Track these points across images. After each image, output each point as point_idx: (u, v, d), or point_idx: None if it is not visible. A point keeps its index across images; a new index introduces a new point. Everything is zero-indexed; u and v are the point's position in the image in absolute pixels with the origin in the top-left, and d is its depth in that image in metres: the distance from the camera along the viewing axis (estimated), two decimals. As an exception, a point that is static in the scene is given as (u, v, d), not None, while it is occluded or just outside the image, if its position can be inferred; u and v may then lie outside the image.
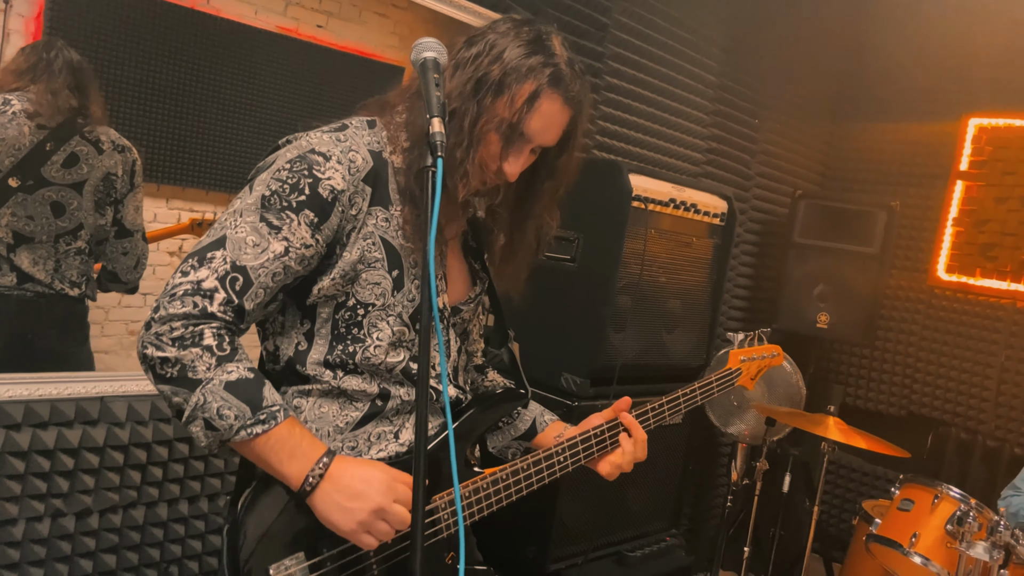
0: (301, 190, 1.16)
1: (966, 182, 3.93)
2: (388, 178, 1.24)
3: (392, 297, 1.24)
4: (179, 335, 1.10)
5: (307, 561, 1.17)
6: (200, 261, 1.13)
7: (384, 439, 1.28)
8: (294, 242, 1.16)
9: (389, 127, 1.27)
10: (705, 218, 2.57)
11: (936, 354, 3.96)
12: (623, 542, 2.54)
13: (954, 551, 2.42)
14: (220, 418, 1.10)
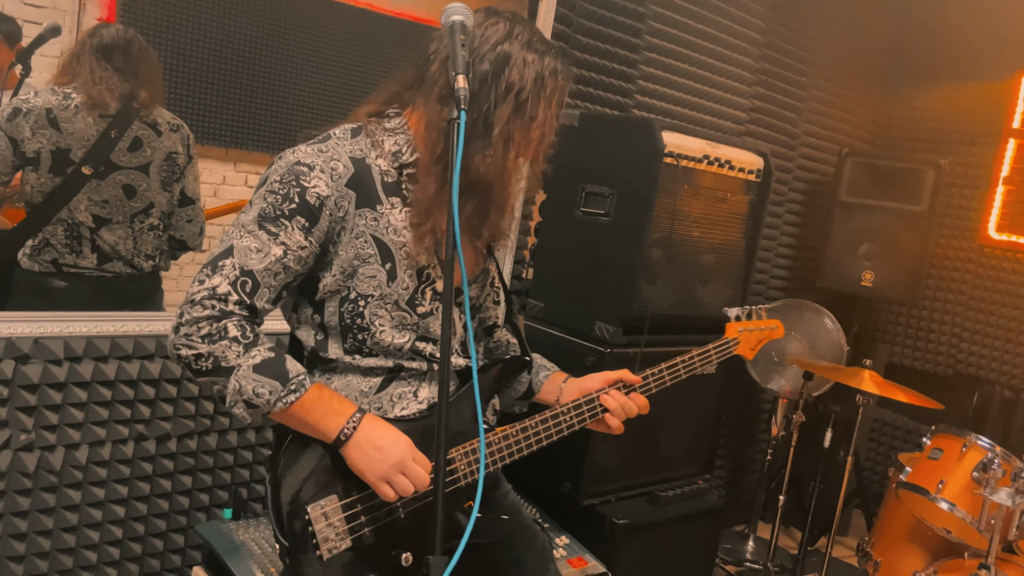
0: (291, 199, 1.32)
1: (1018, 140, 3.86)
2: (372, 180, 1.39)
3: (388, 287, 1.38)
4: (206, 332, 1.26)
5: (340, 501, 1.34)
6: (213, 270, 1.30)
7: (405, 398, 1.44)
8: (291, 245, 1.32)
9: (372, 135, 1.41)
10: (740, 174, 2.64)
11: (984, 313, 3.94)
12: (655, 483, 2.67)
13: (979, 497, 2.49)
14: (257, 396, 1.27)
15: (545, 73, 1.38)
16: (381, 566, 1.36)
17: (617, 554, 2.44)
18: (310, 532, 1.31)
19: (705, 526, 2.76)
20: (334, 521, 1.33)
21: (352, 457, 1.32)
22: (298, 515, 1.31)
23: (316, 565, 1.31)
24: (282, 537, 1.31)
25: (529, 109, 1.37)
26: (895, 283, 3.71)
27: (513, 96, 1.35)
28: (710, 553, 2.86)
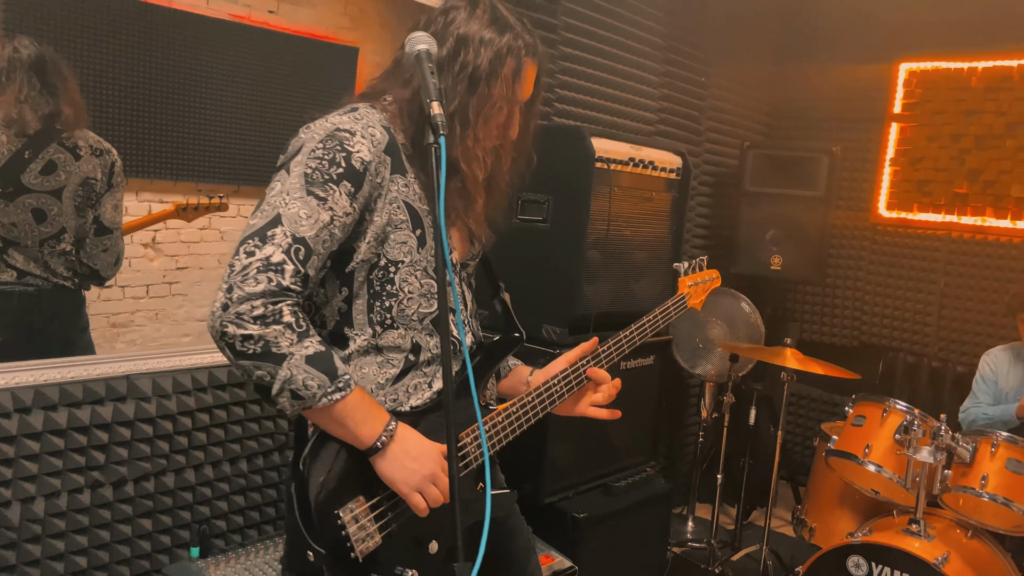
0: (338, 164, 1.31)
1: (900, 124, 4.20)
2: (399, 149, 1.39)
3: (418, 254, 1.40)
4: (260, 313, 1.20)
5: (367, 503, 1.34)
6: (263, 239, 1.25)
7: (420, 389, 1.45)
8: (337, 211, 1.30)
9: (386, 111, 1.42)
10: (662, 174, 2.78)
11: (882, 286, 4.27)
12: (608, 475, 2.78)
13: (903, 457, 2.71)
14: (305, 388, 1.24)
15: (503, 51, 1.38)
16: (410, 557, 1.38)
17: (580, 547, 2.53)
18: (344, 536, 1.31)
19: (657, 511, 2.89)
20: (364, 523, 1.33)
21: (384, 467, 1.32)
22: (330, 522, 1.30)
23: (353, 566, 1.31)
24: (317, 546, 1.30)
25: (484, 88, 1.37)
26: (801, 264, 3.96)
27: (467, 76, 1.37)
28: (663, 536, 2.99)
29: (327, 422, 1.31)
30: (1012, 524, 2.67)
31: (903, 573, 2.51)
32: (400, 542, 1.38)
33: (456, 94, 1.37)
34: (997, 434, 2.68)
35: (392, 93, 1.44)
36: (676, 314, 1.82)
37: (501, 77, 1.39)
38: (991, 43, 3.87)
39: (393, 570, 1.34)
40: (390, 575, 1.34)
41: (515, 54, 1.39)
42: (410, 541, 1.39)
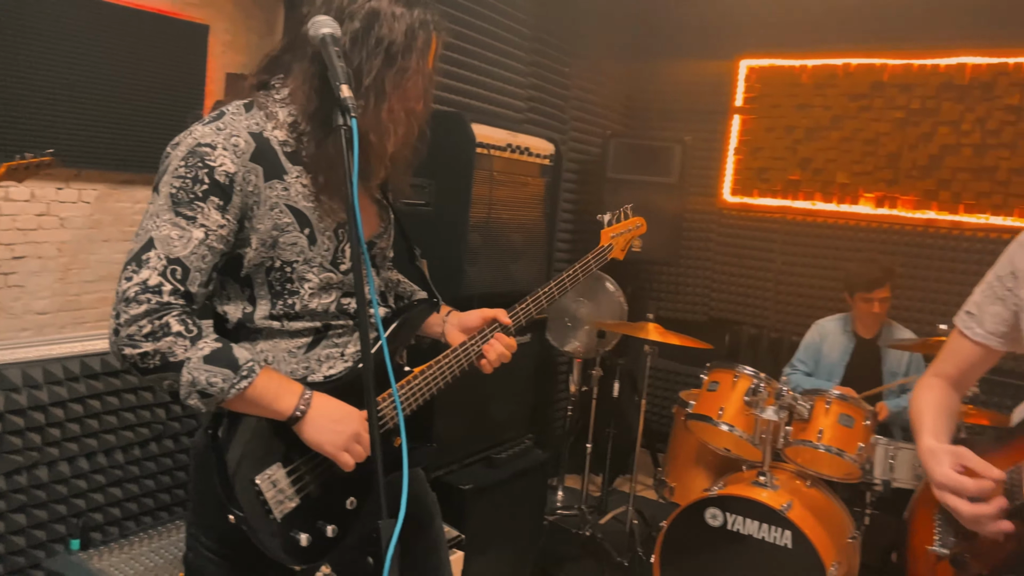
0: (201, 180, 1.32)
1: (742, 116, 4.58)
2: (275, 152, 1.40)
3: (310, 251, 1.43)
4: (149, 331, 1.26)
5: (284, 468, 1.40)
6: (138, 264, 1.29)
7: (332, 358, 1.50)
8: (210, 226, 1.33)
9: (265, 108, 1.42)
10: (537, 159, 2.92)
11: (728, 265, 4.65)
12: (490, 448, 2.91)
13: (751, 416, 3.01)
14: (211, 386, 1.29)
15: (415, 25, 1.42)
16: (330, 513, 1.44)
17: (466, 517, 2.65)
18: (261, 500, 1.36)
19: (534, 480, 3.05)
20: (282, 486, 1.39)
21: (309, 432, 1.38)
22: (247, 487, 1.35)
23: (273, 527, 1.36)
24: (236, 510, 1.34)
25: (400, 61, 1.41)
26: (657, 246, 4.23)
27: (384, 49, 1.40)
28: (540, 503, 3.15)
29: (244, 407, 1.36)
30: (844, 472, 3.04)
31: (753, 520, 2.80)
32: (319, 501, 1.44)
33: (372, 67, 1.39)
34: (830, 392, 3.04)
35: (290, 80, 1.45)
36: (596, 266, 1.87)
37: (415, 50, 1.42)
38: (819, 43, 4.30)
39: (314, 525, 1.41)
40: (311, 530, 1.40)
41: (425, 27, 1.43)
42: (329, 499, 1.45)
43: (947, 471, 1.29)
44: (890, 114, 4.11)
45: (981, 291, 1.49)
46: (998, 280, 1.46)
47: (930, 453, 1.36)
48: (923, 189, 4.05)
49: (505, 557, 2.90)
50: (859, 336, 3.60)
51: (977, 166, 3.91)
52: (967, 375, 1.53)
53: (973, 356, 1.50)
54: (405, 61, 1.41)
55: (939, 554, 1.36)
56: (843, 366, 3.58)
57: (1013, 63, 3.81)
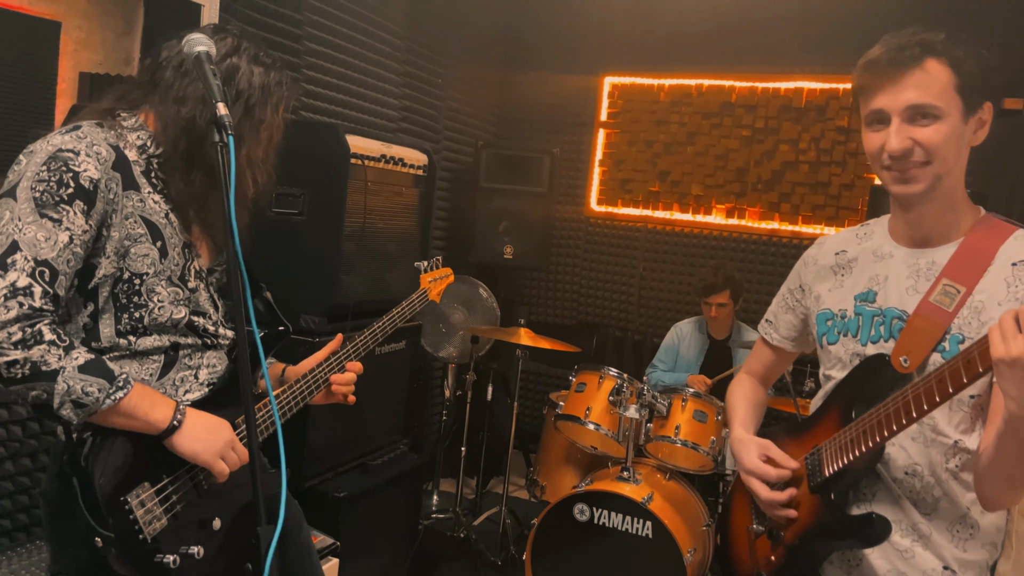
0: (66, 184, 1.32)
1: (606, 130, 4.82)
2: (130, 166, 1.44)
3: (161, 264, 1.45)
4: (20, 338, 1.24)
5: (152, 488, 1.39)
6: (3, 268, 1.26)
7: (187, 382, 1.51)
8: (75, 230, 1.33)
9: (115, 128, 1.46)
10: (411, 170, 2.98)
11: (594, 271, 4.87)
12: (365, 454, 2.93)
13: (615, 415, 3.20)
14: (86, 395, 1.28)
15: (271, 84, 1.55)
16: (196, 534, 1.45)
17: (340, 525, 2.66)
18: (132, 519, 1.35)
19: (409, 484, 3.10)
20: (150, 506, 1.38)
21: (184, 443, 1.39)
22: (117, 507, 1.34)
23: (142, 547, 1.35)
24: (105, 530, 1.32)
25: (257, 113, 1.53)
26: (528, 253, 4.40)
27: (243, 102, 1.50)
28: (415, 507, 3.21)
29: (116, 420, 1.35)
30: (699, 464, 3.28)
31: (617, 513, 2.98)
32: (185, 522, 1.45)
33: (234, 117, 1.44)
34: (686, 390, 3.28)
35: (144, 110, 1.50)
36: (420, 306, 2.08)
37: (270, 105, 1.54)
38: (675, 64, 4.59)
39: (179, 548, 1.41)
40: (177, 552, 1.40)
41: (280, 86, 1.57)
42: (195, 520, 1.46)
43: (753, 459, 1.47)
44: (738, 132, 4.45)
45: (776, 302, 1.67)
46: (789, 293, 1.63)
47: (740, 443, 1.53)
48: (767, 201, 4.41)
49: (380, 562, 2.94)
50: (712, 337, 3.89)
51: (813, 181, 4.30)
52: (770, 372, 1.74)
53: (772, 357, 1.70)
54: (261, 113, 1.53)
55: (756, 531, 1.52)
56: (698, 365, 3.85)
57: (843, 88, 4.22)
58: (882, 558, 1.35)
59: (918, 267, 1.37)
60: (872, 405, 1.30)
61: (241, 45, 1.53)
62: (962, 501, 1.31)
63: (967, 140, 1.31)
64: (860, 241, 1.51)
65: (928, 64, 1.27)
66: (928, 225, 1.36)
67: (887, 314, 1.37)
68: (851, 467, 1.32)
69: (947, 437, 1.30)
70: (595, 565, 3.02)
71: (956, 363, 1.12)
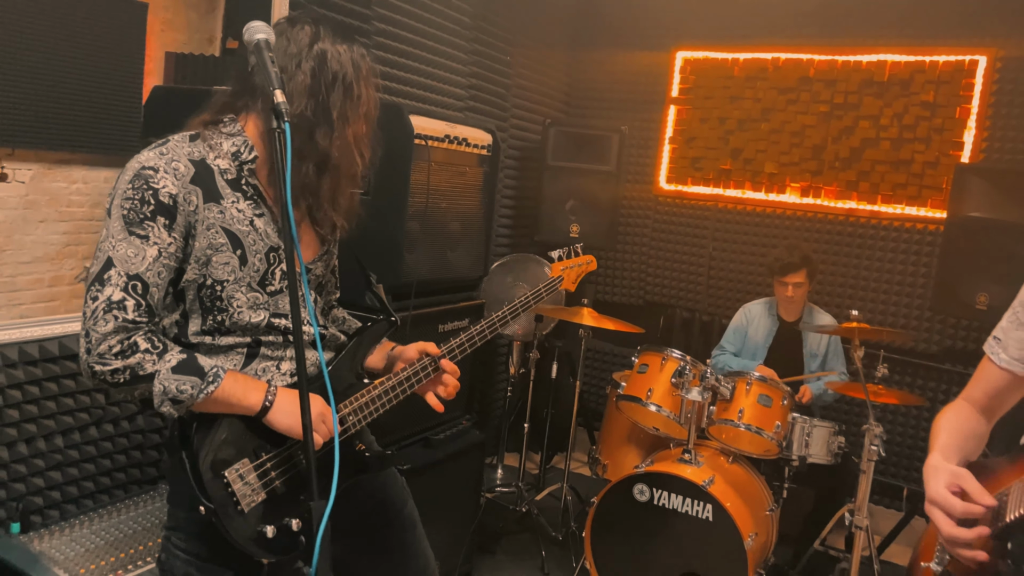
0: (148, 201, 1.42)
1: (677, 106, 4.73)
2: (213, 178, 1.51)
3: (241, 271, 1.53)
4: (119, 350, 1.38)
5: (251, 464, 1.52)
6: (101, 284, 1.39)
7: (269, 372, 1.60)
8: (162, 244, 1.43)
9: (209, 140, 1.53)
10: (475, 150, 3.00)
11: (661, 251, 4.81)
12: (428, 429, 3.00)
13: (678, 397, 3.17)
14: (181, 393, 1.42)
15: (357, 58, 1.59)
16: (292, 510, 1.55)
17: (404, 497, 2.74)
18: (230, 492, 1.47)
19: (471, 459, 3.16)
20: (249, 480, 1.50)
21: (279, 419, 1.51)
22: (218, 480, 1.46)
23: (239, 518, 1.48)
24: (207, 501, 1.44)
25: (355, 90, 1.57)
26: (595, 232, 4.38)
27: (340, 82, 1.55)
28: (478, 482, 3.27)
29: (215, 407, 1.48)
30: (763, 449, 3.23)
31: (677, 495, 2.97)
32: (284, 496, 1.55)
33: (336, 100, 1.54)
34: (751, 374, 3.22)
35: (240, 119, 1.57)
36: (548, 294, 2.08)
37: (362, 78, 1.58)
38: (750, 38, 4.46)
39: (277, 520, 1.52)
40: (277, 523, 1.51)
41: (364, 58, 1.60)
42: (293, 495, 1.56)
43: (941, 489, 1.28)
44: (815, 108, 4.30)
45: (1007, 317, 1.46)
46: (1022, 306, 1.43)
47: (932, 469, 1.34)
48: (845, 180, 4.26)
49: (444, 533, 3.01)
50: (782, 319, 3.80)
51: (894, 159, 4.13)
52: (995, 401, 1.49)
53: (1000, 382, 1.46)
54: (358, 89, 1.57)
55: (934, 571, 1.38)
56: (766, 347, 3.77)
57: (929, 61, 4.02)
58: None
59: None
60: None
61: (320, 30, 1.56)
62: None
63: None
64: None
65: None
66: None
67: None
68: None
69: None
70: (654, 545, 3.02)
71: None
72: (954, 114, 3.98)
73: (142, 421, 2.48)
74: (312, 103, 1.51)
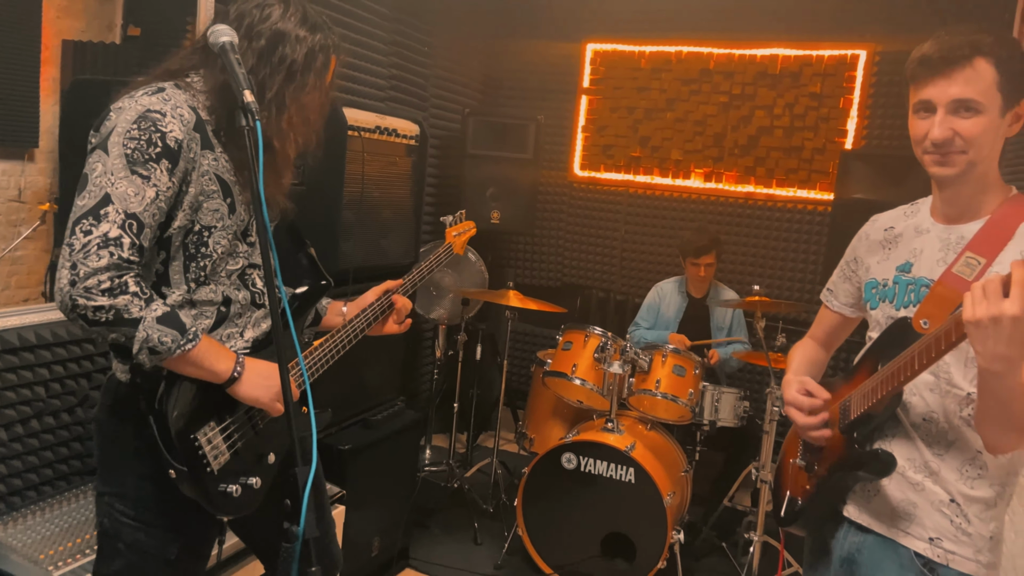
0: (155, 144, 1.45)
1: (588, 96, 4.95)
2: (205, 127, 1.55)
3: (229, 219, 1.59)
4: (108, 287, 1.37)
5: (217, 427, 1.58)
6: (96, 218, 1.38)
7: (232, 338, 1.66)
8: (161, 187, 1.45)
9: (190, 90, 1.56)
10: (404, 140, 3.11)
11: (577, 234, 5.05)
12: (366, 410, 3.12)
13: (600, 371, 3.40)
14: (161, 344, 1.43)
15: (316, 48, 1.62)
16: (255, 468, 1.64)
17: (345, 475, 2.85)
18: (201, 454, 1.53)
19: (408, 438, 3.29)
20: (216, 442, 1.56)
21: (245, 390, 1.56)
22: (189, 444, 1.52)
23: (210, 478, 1.54)
24: (178, 464, 1.50)
25: (300, 79, 1.60)
26: (515, 217, 4.56)
27: (286, 68, 1.58)
28: (414, 460, 3.41)
29: (184, 368, 1.51)
30: (678, 415, 3.50)
31: (603, 460, 3.20)
32: (245, 457, 1.63)
33: (275, 83, 1.58)
34: (667, 347, 3.48)
35: (202, 74, 1.60)
36: (447, 258, 2.24)
37: (314, 69, 1.62)
38: (655, 31, 4.72)
39: (240, 479, 1.60)
40: (238, 483, 1.60)
41: (325, 51, 1.63)
42: (253, 456, 1.65)
43: (792, 393, 1.65)
44: (716, 98, 4.60)
45: (836, 273, 1.83)
46: (846, 264, 1.79)
47: (786, 383, 1.71)
48: (743, 166, 4.59)
49: (382, 510, 3.14)
50: (691, 296, 4.09)
51: (787, 146, 4.48)
52: (831, 337, 1.88)
53: (834, 322, 1.84)
54: (305, 79, 1.61)
55: (799, 465, 1.73)
56: (677, 322, 4.05)
57: (816, 55, 4.38)
58: (897, 489, 1.52)
59: (948, 241, 1.52)
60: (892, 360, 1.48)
61: (288, 8, 1.60)
62: (973, 445, 1.46)
63: (1003, 132, 1.47)
64: (907, 218, 1.66)
65: (977, 62, 1.41)
66: (961, 203, 1.52)
67: (918, 283, 1.54)
68: (872, 411, 1.50)
69: (961, 389, 1.46)
70: (581, 510, 3.24)
71: (949, 324, 1.30)
72: (839, 104, 4.36)
73: (81, 413, 2.49)
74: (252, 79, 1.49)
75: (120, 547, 1.60)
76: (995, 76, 1.41)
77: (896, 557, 1.52)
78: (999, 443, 1.40)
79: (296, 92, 1.61)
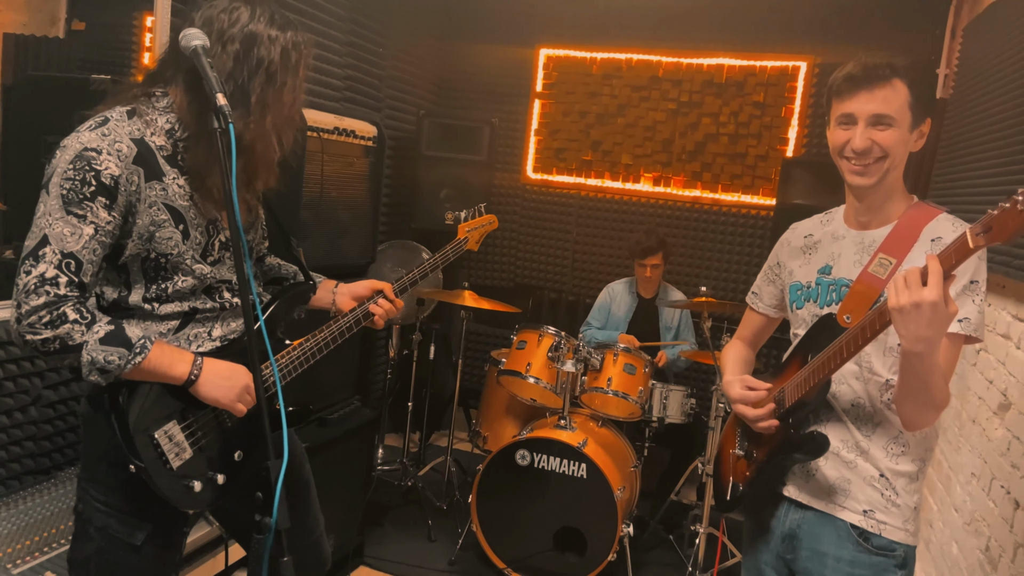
0: (89, 183, 1.48)
1: (541, 100, 5.04)
2: (154, 156, 1.56)
3: (183, 245, 1.61)
4: (48, 320, 1.44)
5: (179, 424, 1.60)
6: (35, 259, 1.44)
7: (200, 337, 1.68)
8: (99, 223, 1.49)
9: (145, 116, 1.58)
10: (361, 141, 3.15)
11: (529, 235, 5.13)
12: (322, 409, 3.14)
13: (554, 369, 3.48)
14: (108, 363, 1.47)
15: (288, 46, 1.62)
16: (220, 464, 1.66)
17: (303, 474, 2.87)
18: (159, 451, 1.56)
19: (364, 437, 3.33)
20: (178, 439, 1.59)
21: (204, 390, 1.59)
22: (146, 441, 1.54)
23: (168, 475, 1.57)
24: (137, 460, 1.52)
25: (279, 78, 1.60)
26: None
27: (264, 69, 1.59)
28: (370, 459, 3.44)
29: (141, 377, 1.55)
30: (628, 412, 3.61)
31: (555, 457, 3.28)
32: (211, 453, 1.66)
33: (256, 86, 1.58)
34: (618, 346, 3.58)
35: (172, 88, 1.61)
36: (454, 255, 2.23)
37: (290, 68, 1.63)
38: (606, 38, 4.83)
39: (203, 475, 1.63)
40: (203, 478, 1.62)
41: (296, 48, 1.65)
42: (219, 452, 1.68)
43: (739, 390, 1.78)
44: (664, 105, 4.73)
45: (760, 276, 1.99)
46: (770, 268, 1.95)
47: (728, 383, 1.85)
48: (690, 171, 4.73)
49: (337, 508, 3.17)
50: (641, 296, 4.21)
51: (732, 152, 4.64)
52: (757, 337, 2.04)
53: (759, 323, 2.01)
54: (283, 78, 1.62)
55: (738, 454, 1.87)
56: (627, 322, 4.17)
57: (759, 65, 4.54)
58: (832, 468, 1.69)
59: (863, 244, 1.71)
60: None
61: (256, 10, 1.61)
62: (896, 426, 1.64)
63: (910, 146, 1.66)
64: (823, 226, 1.84)
65: (895, 82, 1.59)
66: (873, 211, 1.70)
67: (838, 283, 1.72)
68: (805, 399, 1.65)
69: (880, 376, 1.64)
70: (535, 505, 3.32)
71: (873, 315, 1.47)
72: (780, 113, 4.53)
73: (35, 412, 2.47)
74: (231, 86, 1.54)
75: (91, 531, 1.64)
76: (908, 96, 1.61)
77: (834, 529, 1.68)
78: (917, 419, 1.57)
79: (277, 92, 1.62)
